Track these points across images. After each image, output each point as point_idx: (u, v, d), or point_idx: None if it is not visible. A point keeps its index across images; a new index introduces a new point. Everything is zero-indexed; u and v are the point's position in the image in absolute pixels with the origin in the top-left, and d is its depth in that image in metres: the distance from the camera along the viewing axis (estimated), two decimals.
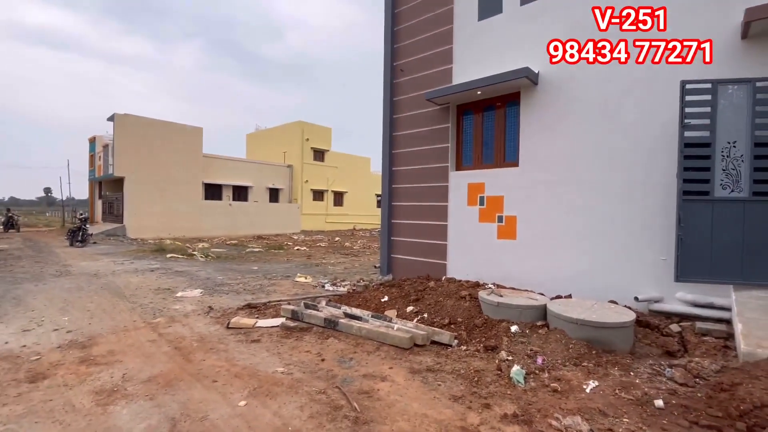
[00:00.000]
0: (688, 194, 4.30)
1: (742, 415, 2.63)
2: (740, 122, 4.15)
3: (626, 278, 5.12)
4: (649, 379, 3.35)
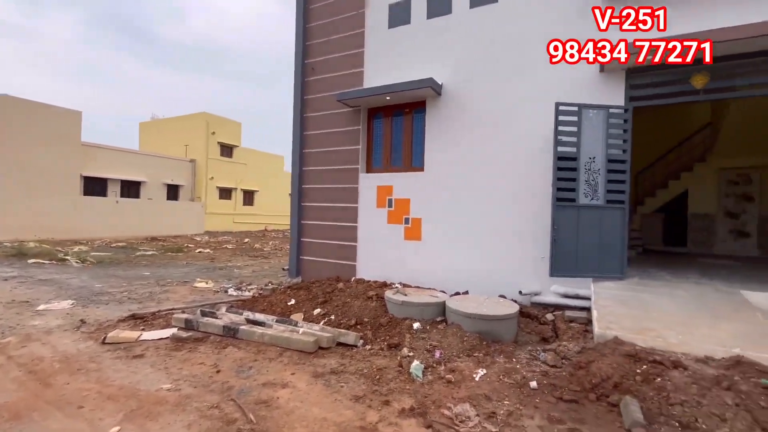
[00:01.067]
0: (560, 201, 5.00)
1: (594, 387, 3.13)
2: (598, 141, 4.97)
3: (514, 275, 5.73)
4: (527, 363, 3.79)
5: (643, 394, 2.92)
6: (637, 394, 2.92)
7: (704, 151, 10.84)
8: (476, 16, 6.07)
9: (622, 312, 4.21)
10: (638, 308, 4.24)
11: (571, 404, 3.01)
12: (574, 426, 2.70)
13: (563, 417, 2.81)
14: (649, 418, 2.69)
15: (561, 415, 2.83)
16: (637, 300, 4.45)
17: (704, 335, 3.64)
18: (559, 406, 2.99)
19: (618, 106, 4.98)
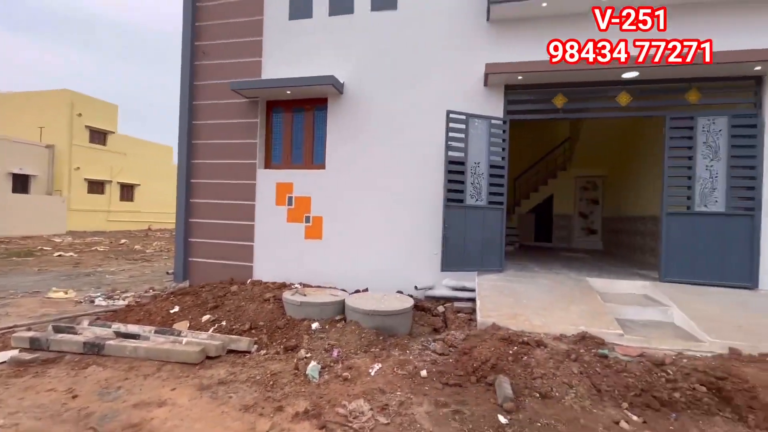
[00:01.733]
0: (450, 201, 5.43)
1: (475, 370, 3.45)
2: (482, 148, 5.52)
3: (411, 271, 6.03)
4: (419, 354, 4.01)
5: (513, 372, 3.32)
6: (509, 373, 3.31)
7: (565, 161, 12.87)
8: (377, 20, 6.23)
9: (499, 301, 4.74)
10: (512, 297, 4.82)
11: (455, 388, 3.27)
12: (457, 408, 2.94)
13: (448, 401, 3.04)
14: (517, 392, 3.07)
15: (446, 399, 3.06)
16: (512, 290, 5.06)
17: (559, 317, 4.31)
18: (445, 391, 3.22)
19: (498, 118, 5.61)
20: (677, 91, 5.34)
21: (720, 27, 5.12)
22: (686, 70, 5.02)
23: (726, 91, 5.26)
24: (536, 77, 5.45)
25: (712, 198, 5.15)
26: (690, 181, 5.21)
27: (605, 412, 2.83)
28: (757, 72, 4.99)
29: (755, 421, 2.73)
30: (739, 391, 2.93)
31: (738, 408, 2.84)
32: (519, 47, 5.69)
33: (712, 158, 5.15)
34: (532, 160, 13.80)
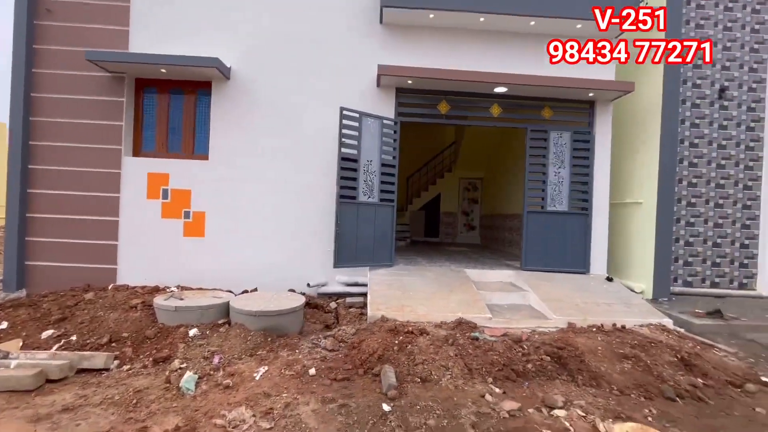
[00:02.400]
0: (343, 198, 5.46)
1: (363, 363, 3.53)
2: (374, 147, 5.68)
3: (304, 268, 5.90)
4: (309, 352, 3.95)
5: (398, 360, 3.49)
6: (394, 362, 3.48)
7: (451, 163, 14.07)
8: (271, 5, 5.91)
9: (389, 294, 4.95)
10: (401, 289, 5.09)
11: (344, 382, 3.30)
12: (344, 402, 2.97)
13: (335, 396, 3.05)
14: (400, 379, 3.25)
15: (334, 395, 3.06)
16: (401, 282, 5.34)
17: (441, 306, 4.69)
18: (333, 386, 3.23)
19: (390, 119, 5.85)
20: (536, 108, 6.27)
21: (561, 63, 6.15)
22: (541, 90, 5.91)
23: (570, 111, 6.36)
24: (424, 83, 5.82)
25: (559, 199, 6.20)
26: (544, 185, 6.18)
27: (474, 388, 3.17)
28: (590, 98, 6.15)
29: (582, 380, 3.37)
30: (572, 357, 3.57)
31: (571, 371, 3.47)
32: (410, 52, 6.01)
33: (559, 166, 6.18)
34: (423, 161, 14.76)
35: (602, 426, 2.66)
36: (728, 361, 3.91)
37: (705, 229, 6.51)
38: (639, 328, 4.52)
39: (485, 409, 2.85)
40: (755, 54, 6.45)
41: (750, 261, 6.53)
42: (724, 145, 6.49)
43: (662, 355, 3.71)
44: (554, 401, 2.96)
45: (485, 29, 6.06)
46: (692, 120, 6.47)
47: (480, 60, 6.08)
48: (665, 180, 6.03)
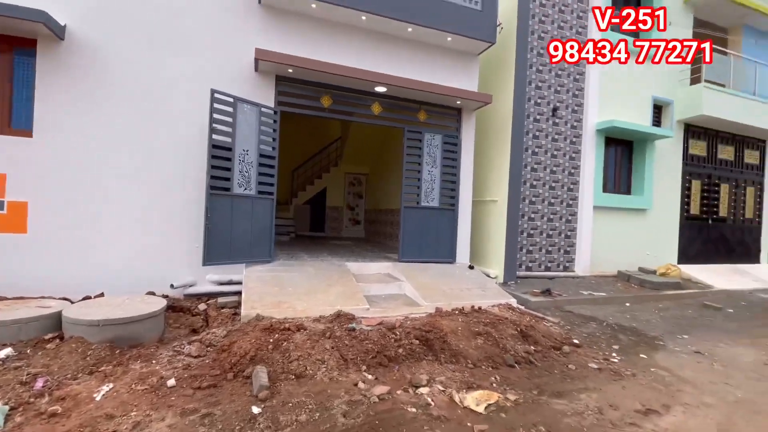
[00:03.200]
0: (215, 189, 5.00)
1: (233, 367, 3.30)
2: (252, 136, 5.34)
3: (167, 267, 5.22)
4: (169, 361, 3.52)
5: (272, 359, 3.36)
6: (268, 361, 3.34)
7: (337, 157, 14.15)
8: None
9: (266, 291, 4.73)
10: (279, 286, 4.91)
11: (209, 390, 3.03)
12: (208, 411, 2.73)
13: (198, 406, 2.78)
14: (274, 378, 3.13)
15: (196, 405, 2.79)
16: (279, 279, 5.15)
17: (321, 300, 4.69)
18: (197, 396, 2.94)
19: (269, 107, 5.56)
20: (412, 110, 6.71)
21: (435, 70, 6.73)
22: (417, 94, 6.35)
23: (442, 115, 6.98)
24: (306, 74, 5.69)
25: (432, 196, 6.78)
26: (419, 182, 6.68)
27: (348, 378, 3.25)
28: (458, 105, 6.86)
29: (445, 358, 3.75)
30: (437, 338, 3.95)
31: (436, 351, 3.83)
32: (293, 41, 5.79)
33: (432, 165, 6.75)
34: (309, 154, 14.50)
35: (457, 397, 3.00)
36: (553, 329, 4.83)
37: (542, 224, 7.89)
38: (491, 308, 5.24)
39: (357, 396, 2.95)
40: (576, 83, 8.05)
41: (571, 249, 8.17)
42: (556, 155, 7.96)
43: (507, 329, 4.37)
44: (419, 380, 3.23)
45: (369, 29, 6.21)
46: (534, 132, 7.75)
47: (364, 58, 6.21)
48: (514, 181, 7.11)
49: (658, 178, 8.94)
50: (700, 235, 9.76)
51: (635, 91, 8.53)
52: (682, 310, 6.35)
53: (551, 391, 3.28)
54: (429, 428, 2.61)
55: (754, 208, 10.57)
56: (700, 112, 8.67)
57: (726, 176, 10.08)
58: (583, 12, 7.88)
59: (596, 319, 5.55)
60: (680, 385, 3.51)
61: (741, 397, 3.34)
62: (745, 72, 9.51)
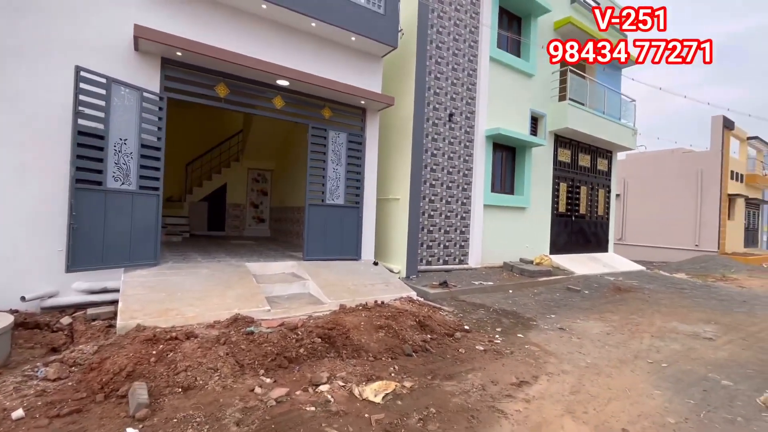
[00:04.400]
0: (82, 183, 4.29)
1: (104, 386, 2.88)
2: (131, 123, 4.70)
3: (16, 277, 4.31)
4: (16, 389, 2.92)
5: (154, 373, 3.03)
6: (149, 376, 2.99)
7: (238, 152, 13.28)
8: None
9: (150, 298, 4.23)
10: (165, 291, 4.43)
11: (72, 416, 2.61)
12: None
13: None
14: (156, 394, 2.82)
15: None
16: (167, 283, 4.65)
17: (216, 304, 4.36)
18: (54, 425, 2.50)
19: (153, 92, 4.95)
20: (317, 106, 6.63)
21: (340, 68, 6.77)
22: (321, 90, 6.30)
23: (346, 114, 7.03)
24: (198, 59, 5.21)
25: (337, 193, 6.79)
26: (324, 180, 6.63)
27: (245, 384, 3.09)
28: (362, 105, 6.99)
29: (347, 354, 3.80)
30: (340, 335, 3.99)
31: (338, 348, 3.86)
32: (182, 20, 5.25)
33: (337, 163, 6.76)
34: (206, 147, 13.33)
35: (356, 390, 3.07)
36: (448, 318, 5.23)
37: (440, 221, 8.49)
38: (393, 301, 5.47)
39: (253, 402, 2.82)
40: (470, 92, 8.83)
41: (465, 243, 8.94)
42: (452, 157, 8.63)
43: (406, 321, 4.61)
44: (320, 378, 3.22)
45: (272, 19, 5.94)
46: (433, 135, 8.29)
47: (265, 48, 5.92)
48: (415, 181, 7.51)
49: (535, 180, 10.30)
50: (566, 229, 11.52)
51: (517, 102, 9.69)
52: (551, 294, 7.42)
53: (443, 374, 3.55)
54: (327, 425, 2.62)
55: (604, 206, 12.86)
56: (565, 125, 10.22)
57: (584, 180, 12.06)
58: (475, 27, 8.67)
59: (484, 306, 6.17)
60: (546, 358, 4.11)
61: (589, 362, 4.04)
62: (597, 94, 11.49)
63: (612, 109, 11.85)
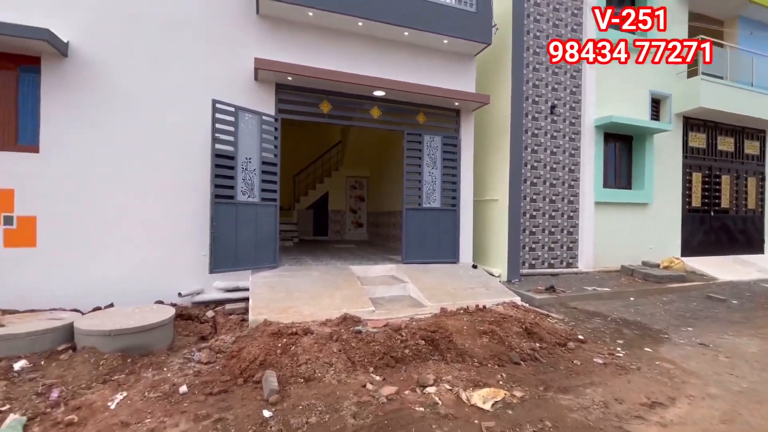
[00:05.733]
0: (219, 197, 5.08)
1: (242, 372, 3.36)
2: (254, 144, 5.42)
3: (173, 277, 5.29)
4: (180, 369, 3.58)
5: (280, 364, 3.43)
6: (277, 366, 3.40)
7: (338, 162, 14.23)
8: None
9: (272, 296, 4.80)
10: (285, 291, 4.97)
11: (221, 395, 3.09)
12: (220, 416, 2.79)
13: (210, 411, 2.84)
14: (283, 382, 3.19)
15: (208, 410, 2.85)
16: (285, 284, 5.21)
17: (327, 303, 4.74)
18: (209, 401, 3.00)
19: (269, 115, 5.64)
20: (411, 113, 6.78)
21: (433, 72, 6.79)
22: (415, 97, 6.42)
23: (440, 117, 7.04)
24: (305, 81, 5.76)
25: (433, 197, 6.83)
26: (419, 183, 6.73)
27: (357, 379, 3.30)
28: (456, 107, 6.92)
29: (451, 357, 3.80)
30: (443, 338, 4.00)
31: (442, 351, 3.88)
32: (290, 48, 5.87)
33: (433, 167, 6.81)
34: (310, 159, 14.59)
35: (464, 395, 3.05)
36: (557, 326, 4.86)
37: (543, 221, 7.93)
38: (495, 306, 5.29)
39: (366, 397, 3.00)
40: (574, 80, 8.09)
41: (574, 245, 8.19)
42: (555, 152, 8.00)
43: (512, 327, 4.42)
44: (426, 380, 3.28)
45: (366, 34, 6.29)
46: (533, 130, 7.80)
47: (361, 63, 6.29)
48: (514, 180, 7.16)
49: (659, 171, 8.96)
50: (703, 227, 9.76)
51: (633, 85, 8.56)
52: (686, 303, 6.36)
53: (557, 386, 3.32)
54: (437, 426, 2.65)
55: (757, 198, 10.56)
56: (698, 105, 8.68)
57: (726, 167, 10.08)
58: (578, 9, 7.93)
59: (600, 314, 5.58)
60: (685, 377, 3.54)
61: (746, 387, 3.37)
62: (742, 63, 9.52)
63: (764, 79, 9.70)
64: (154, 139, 5.24)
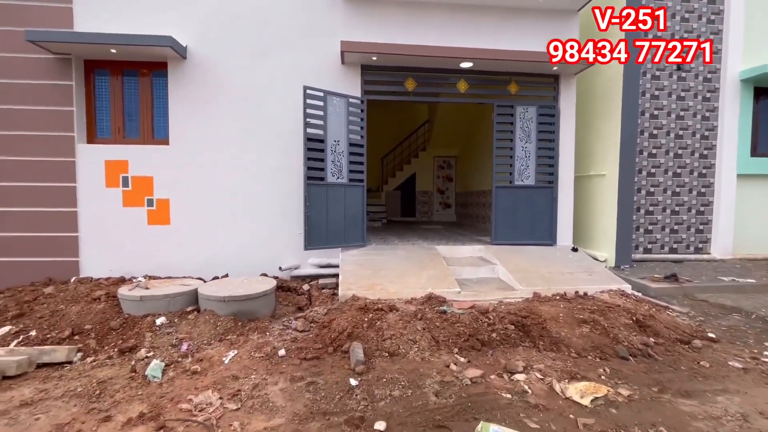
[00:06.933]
0: (311, 179, 5.39)
1: (332, 341, 3.58)
2: (341, 126, 5.60)
3: (275, 252, 5.85)
4: (279, 334, 3.96)
5: (366, 337, 3.55)
6: (363, 338, 3.54)
7: (425, 142, 14.06)
8: None
9: (360, 273, 4.98)
10: (372, 269, 5.12)
11: (313, 361, 3.34)
12: (312, 379, 3.01)
13: (304, 374, 3.08)
14: (369, 354, 3.31)
15: (303, 373, 3.10)
16: (372, 262, 5.37)
17: (412, 282, 4.76)
18: (303, 365, 3.26)
19: (356, 97, 5.75)
20: (501, 83, 6.28)
21: (526, 35, 6.14)
22: (506, 65, 5.91)
23: (535, 85, 6.40)
24: (389, 59, 5.71)
25: (527, 174, 6.31)
26: (511, 159, 6.27)
27: (440, 359, 3.27)
28: (555, 71, 6.20)
29: (544, 345, 3.52)
30: (535, 324, 3.72)
31: (534, 338, 3.61)
32: (374, 28, 5.86)
33: (526, 141, 6.26)
34: (397, 141, 14.68)
35: (558, 386, 2.80)
36: (679, 320, 4.16)
37: (664, 198, 6.78)
38: (599, 294, 4.73)
39: (449, 377, 2.95)
40: (711, 25, 6.61)
41: (705, 227, 6.88)
42: (682, 116, 6.71)
43: (619, 318, 3.91)
44: (515, 366, 3.09)
45: (449, 2, 5.95)
46: (652, 92, 6.63)
47: (445, 34, 6.00)
48: (626, 152, 6.21)
49: None
50: None
51: None
52: None
53: (676, 389, 2.84)
54: (525, 416, 2.48)
55: None
56: None
57: None
58: None
59: (741, 310, 4.62)
60: None
61: None
62: None
63: None
64: (255, 128, 5.76)
